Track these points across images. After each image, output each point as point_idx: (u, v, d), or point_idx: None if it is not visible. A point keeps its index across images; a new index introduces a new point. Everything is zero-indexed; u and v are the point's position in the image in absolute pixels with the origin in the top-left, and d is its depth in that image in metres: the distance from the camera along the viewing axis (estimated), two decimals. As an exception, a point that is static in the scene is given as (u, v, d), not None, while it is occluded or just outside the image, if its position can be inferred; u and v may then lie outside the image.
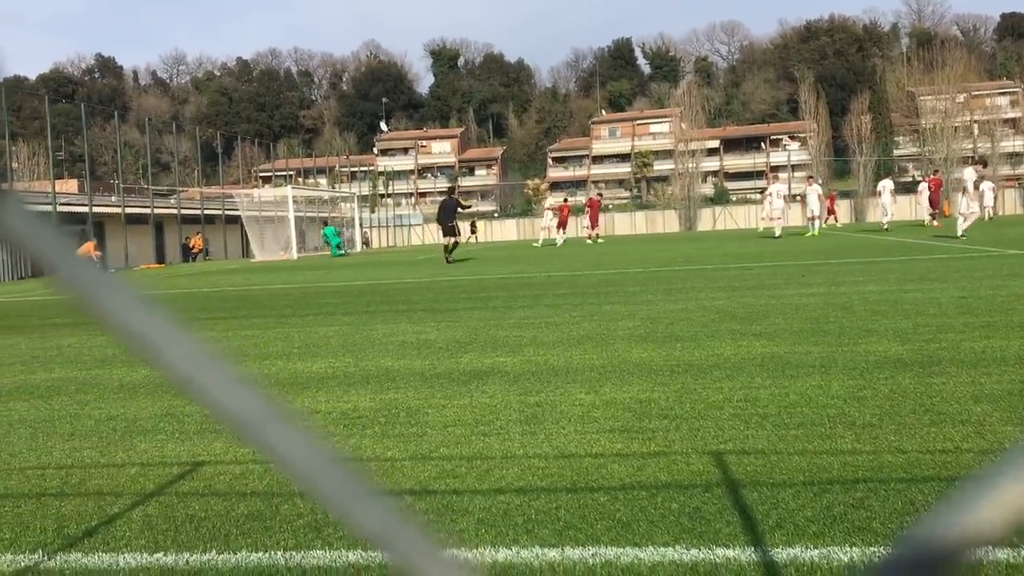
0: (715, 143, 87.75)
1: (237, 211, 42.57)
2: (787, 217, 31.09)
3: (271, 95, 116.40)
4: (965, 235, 19.23)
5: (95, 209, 35.59)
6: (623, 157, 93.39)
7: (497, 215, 78.12)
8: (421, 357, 6.16)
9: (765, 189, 34.92)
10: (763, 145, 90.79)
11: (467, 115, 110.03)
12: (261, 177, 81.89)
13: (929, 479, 3.00)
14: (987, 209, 30.50)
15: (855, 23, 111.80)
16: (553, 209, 36.79)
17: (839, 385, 4.52)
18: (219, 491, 3.26)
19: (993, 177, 21.43)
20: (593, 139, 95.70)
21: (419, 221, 71.91)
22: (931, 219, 30.51)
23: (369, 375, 5.57)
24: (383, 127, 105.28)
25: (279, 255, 38.05)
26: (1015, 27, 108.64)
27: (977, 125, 72.84)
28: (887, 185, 31.56)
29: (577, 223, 44.86)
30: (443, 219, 22.22)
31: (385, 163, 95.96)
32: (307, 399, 4.94)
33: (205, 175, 59.57)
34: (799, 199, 38.30)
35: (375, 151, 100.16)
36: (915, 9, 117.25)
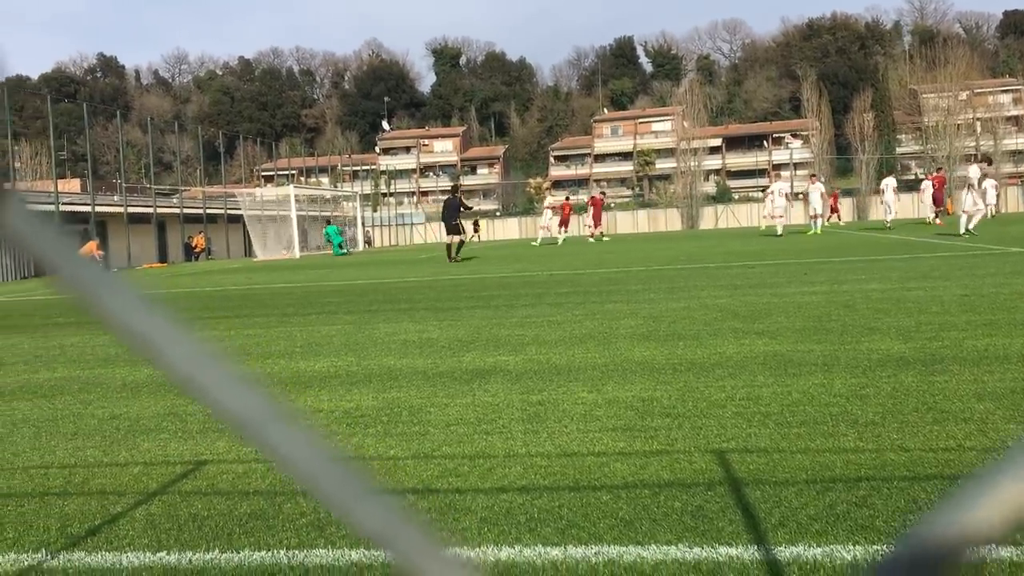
0: (717, 141, 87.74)
1: (239, 210, 42.60)
2: (789, 215, 31.05)
3: (273, 94, 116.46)
4: (975, 233, 19.27)
5: (98, 209, 35.64)
6: (625, 155, 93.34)
7: (499, 214, 78.12)
8: (423, 356, 6.17)
9: (767, 187, 34.86)
10: (765, 143, 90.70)
11: (469, 114, 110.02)
12: (263, 176, 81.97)
13: (932, 477, 3.00)
14: (989, 207, 30.52)
15: (857, 21, 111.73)
16: (552, 208, 36.74)
17: (842, 383, 4.52)
18: (222, 490, 3.26)
19: (996, 175, 21.35)
20: (595, 138, 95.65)
21: (421, 220, 71.93)
22: (934, 217, 30.49)
23: (371, 374, 5.58)
24: (385, 126, 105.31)
25: (282, 254, 38.07)
26: (1017, 24, 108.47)
27: (980, 123, 72.77)
28: (890, 183, 31.51)
29: (579, 221, 44.84)
30: (446, 218, 22.39)
31: (387, 162, 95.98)
32: (310, 398, 4.94)
33: (207, 174, 59.62)
34: (801, 197, 38.25)
35: (377, 150, 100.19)
36: (917, 7, 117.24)
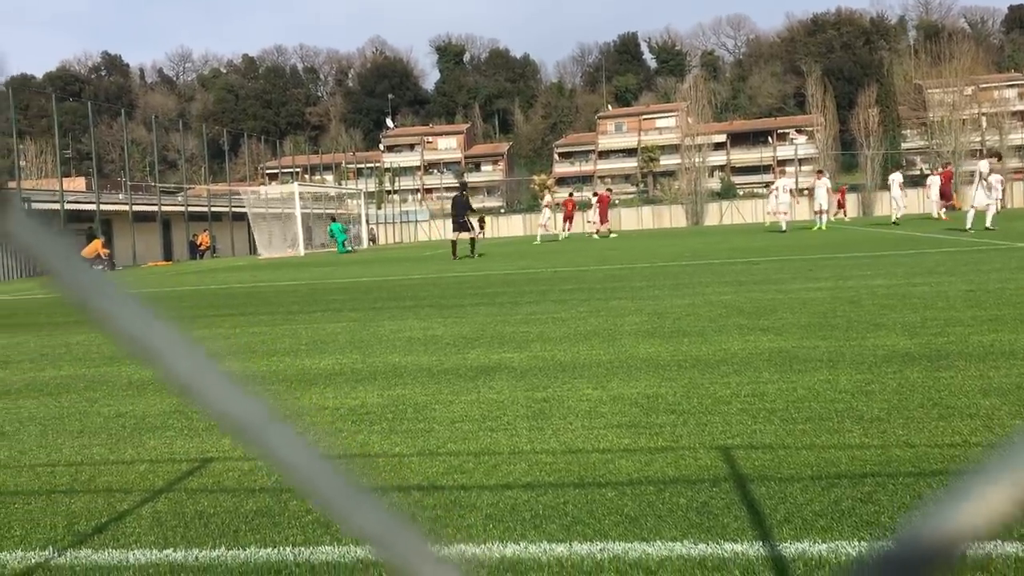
0: (722, 137, 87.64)
1: (244, 208, 42.65)
2: (794, 212, 31.01)
3: (277, 92, 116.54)
4: (994, 228, 19.30)
5: (102, 207, 35.71)
6: (629, 152, 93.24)
7: (503, 211, 78.10)
8: (428, 353, 6.17)
9: (772, 183, 34.80)
10: (770, 139, 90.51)
11: (473, 111, 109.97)
12: (268, 174, 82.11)
13: (937, 473, 3.00)
14: (996, 201, 30.50)
15: (862, 16, 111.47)
16: (550, 207, 36.86)
17: (847, 379, 4.51)
18: (228, 487, 3.27)
19: (1002, 170, 21.32)
20: (599, 134, 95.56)
21: (425, 217, 71.95)
22: (944, 211, 30.48)
23: (376, 371, 5.58)
24: (389, 123, 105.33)
25: (286, 252, 38.11)
26: (1023, 19, 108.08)
27: (985, 118, 72.56)
28: (896, 178, 31.49)
29: (583, 218, 44.80)
30: (454, 215, 22.60)
31: (391, 159, 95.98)
32: (315, 395, 4.95)
33: (212, 172, 59.71)
34: (807, 193, 38.15)
35: (381, 147, 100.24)
36: (922, 2, 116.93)
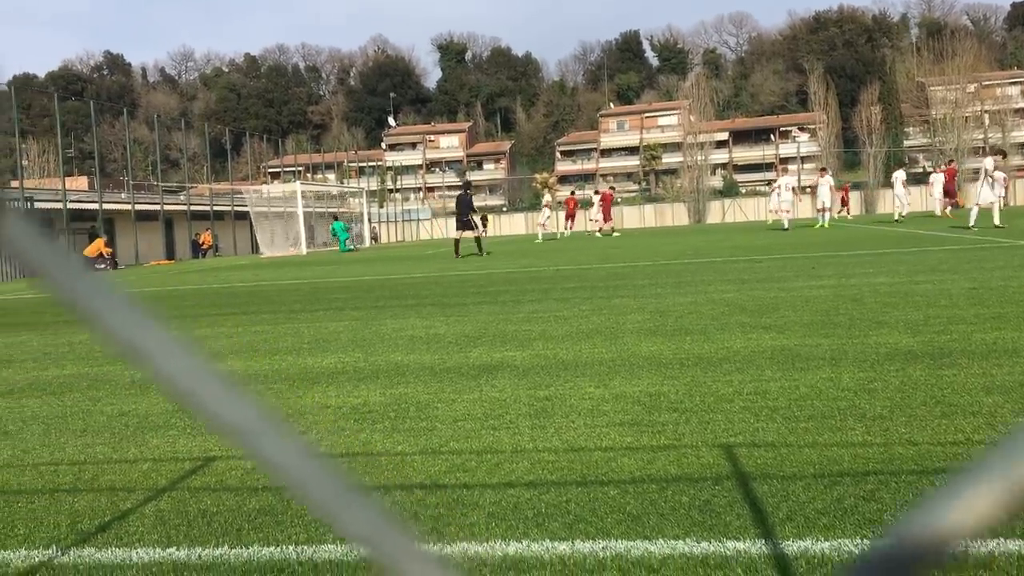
0: (724, 135, 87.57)
1: (246, 207, 42.66)
2: (796, 210, 31.01)
3: (279, 91, 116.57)
4: (1003, 226, 19.30)
5: (105, 206, 35.73)
6: (631, 150, 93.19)
7: (505, 209, 78.06)
8: (431, 352, 6.17)
9: (774, 181, 34.76)
10: (772, 137, 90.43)
11: (475, 109, 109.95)
12: (270, 173, 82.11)
13: (940, 471, 2.99)
14: (999, 199, 30.56)
15: (864, 13, 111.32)
16: (549, 205, 36.92)
17: (849, 377, 4.51)
18: (231, 486, 3.27)
19: (1004, 167, 21.36)
20: (601, 132, 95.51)
21: (427, 216, 71.92)
22: (949, 208, 30.50)
23: (379, 370, 5.59)
24: (391, 122, 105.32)
25: (289, 250, 38.12)
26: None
27: (988, 115, 72.45)
28: (899, 176, 31.61)
29: (585, 217, 44.78)
30: (458, 214, 22.84)
31: (393, 158, 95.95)
32: (317, 394, 4.95)
33: (214, 171, 59.75)
34: (809, 191, 38.11)
35: (383, 146, 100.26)
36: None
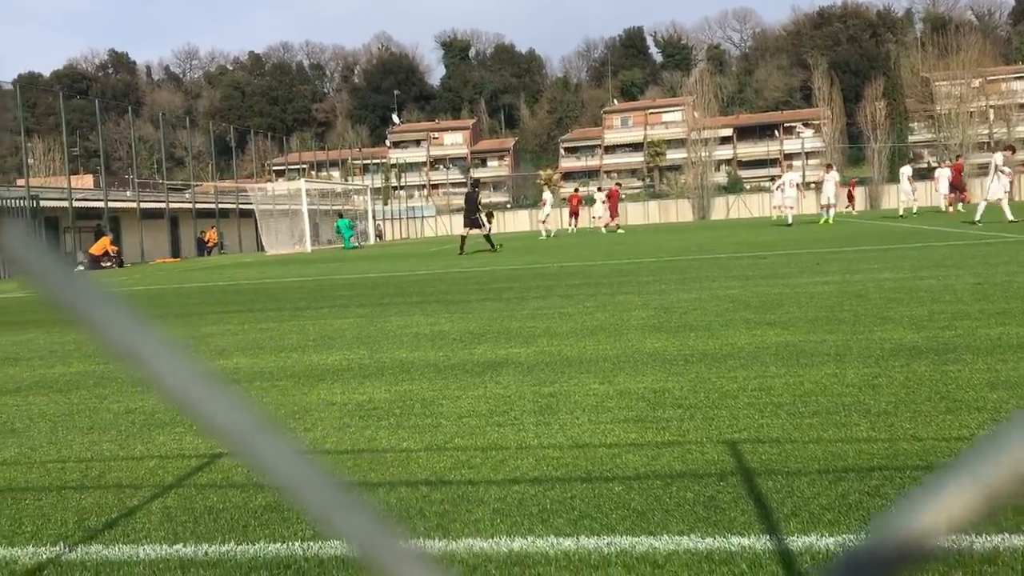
0: (728, 131, 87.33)
1: (251, 205, 42.70)
2: (801, 206, 30.97)
3: (283, 89, 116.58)
4: (1016, 220, 19.28)
5: (111, 204, 35.78)
6: (636, 146, 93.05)
7: (510, 206, 78.03)
8: (435, 348, 6.18)
9: (778, 177, 34.75)
10: (776, 133, 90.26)
11: (479, 106, 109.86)
12: (274, 171, 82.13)
13: (944, 467, 2.99)
14: (1005, 195, 30.54)
15: (868, 9, 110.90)
16: (545, 203, 36.98)
17: (854, 373, 4.51)
18: (237, 483, 3.28)
19: (1011, 162, 21.37)
20: (605, 129, 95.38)
21: (432, 213, 71.93)
22: (957, 203, 30.52)
23: (384, 367, 5.60)
24: (395, 119, 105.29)
25: (293, 248, 38.15)
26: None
27: (993, 110, 72.24)
28: (906, 171, 31.66)
29: (588, 213, 44.78)
30: (465, 211, 23.16)
31: (397, 155, 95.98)
32: (323, 391, 4.97)
33: (219, 169, 59.81)
34: (814, 187, 38.00)
35: (387, 143, 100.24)
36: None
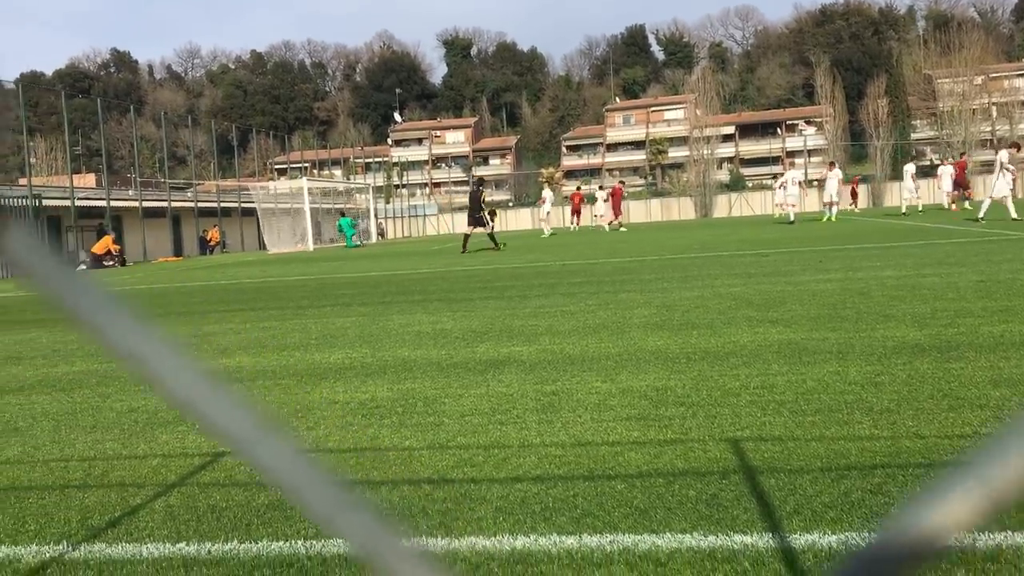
0: (730, 129, 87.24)
1: (253, 204, 42.72)
2: (803, 203, 30.99)
3: (285, 87, 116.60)
4: (1020, 218, 19.23)
5: (113, 203, 35.82)
6: (638, 144, 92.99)
7: (511, 204, 77.99)
8: (437, 347, 6.19)
9: (781, 175, 34.77)
10: (779, 130, 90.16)
11: (480, 104, 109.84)
12: (276, 169, 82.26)
13: (947, 464, 2.99)
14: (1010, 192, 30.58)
15: (871, 6, 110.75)
16: (544, 201, 37.30)
17: (857, 371, 4.51)
18: (240, 481, 3.28)
19: (1015, 160, 21.36)
20: (607, 127, 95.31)
21: (434, 211, 71.93)
22: (962, 200, 30.51)
23: (386, 365, 5.60)
24: (397, 118, 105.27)
25: (296, 247, 38.16)
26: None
27: (995, 107, 72.12)
28: (910, 169, 31.76)
29: (590, 211, 44.80)
30: (470, 210, 23.31)
31: (399, 154, 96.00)
32: (325, 389, 4.97)
33: (221, 168, 59.83)
34: (816, 184, 37.99)
35: (389, 142, 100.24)
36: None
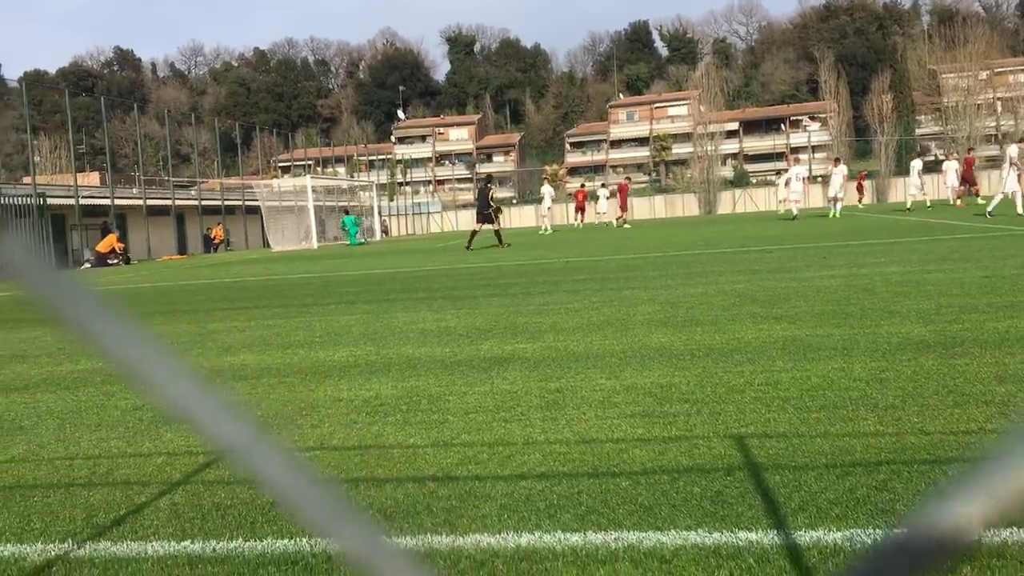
0: (734, 125, 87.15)
1: (257, 201, 42.74)
2: (807, 199, 30.98)
3: (289, 85, 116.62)
4: None
5: (117, 201, 35.87)
6: (641, 141, 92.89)
7: (515, 201, 77.95)
8: (441, 344, 6.19)
9: (785, 171, 34.78)
10: (783, 126, 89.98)
11: (484, 101, 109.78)
12: (280, 167, 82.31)
13: (952, 460, 2.99)
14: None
15: (875, 1, 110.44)
16: (543, 197, 37.44)
17: (861, 367, 4.50)
18: (245, 479, 3.29)
19: (1023, 154, 21.34)
20: (611, 123, 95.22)
21: (437, 209, 71.93)
22: (968, 196, 30.47)
23: (390, 363, 5.60)
24: (400, 115, 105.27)
25: (299, 244, 38.19)
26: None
27: (1000, 102, 71.91)
28: (916, 165, 31.74)
29: (593, 208, 44.79)
30: (479, 207, 23.51)
31: (403, 151, 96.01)
32: (330, 387, 4.97)
33: (224, 166, 59.87)
34: (820, 180, 37.92)
35: (393, 139, 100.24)
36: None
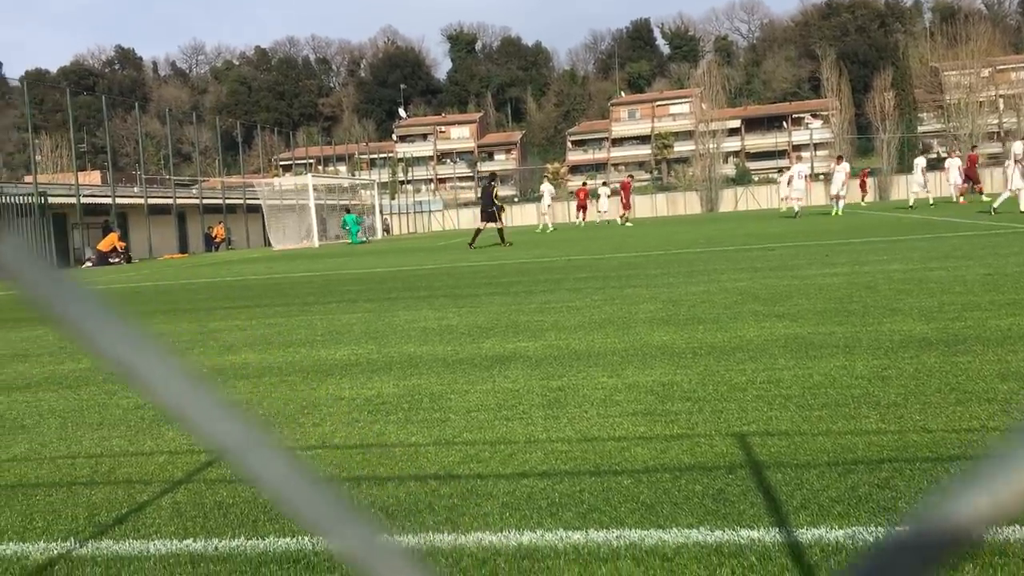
0: (736, 123, 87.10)
1: (258, 200, 42.76)
2: (809, 197, 30.98)
3: (290, 83, 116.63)
4: None
5: (118, 200, 35.91)
6: (643, 139, 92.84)
7: (517, 199, 77.91)
8: (443, 343, 6.19)
9: (787, 168, 34.80)
10: (785, 124, 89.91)
11: (485, 100, 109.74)
12: (281, 166, 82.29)
13: (955, 458, 2.98)
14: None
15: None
16: (542, 195, 37.55)
17: (863, 365, 4.49)
18: (246, 478, 3.28)
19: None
20: (612, 121, 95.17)
21: (439, 207, 71.94)
22: (974, 193, 30.49)
23: (392, 361, 5.60)
24: (401, 113, 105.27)
25: (301, 243, 38.20)
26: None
27: (1002, 100, 71.82)
28: (920, 163, 31.76)
29: (595, 206, 44.81)
30: (483, 205, 23.63)
31: (404, 149, 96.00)
32: (331, 386, 4.97)
33: (226, 165, 59.90)
34: (822, 178, 37.90)
35: (394, 138, 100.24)
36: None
